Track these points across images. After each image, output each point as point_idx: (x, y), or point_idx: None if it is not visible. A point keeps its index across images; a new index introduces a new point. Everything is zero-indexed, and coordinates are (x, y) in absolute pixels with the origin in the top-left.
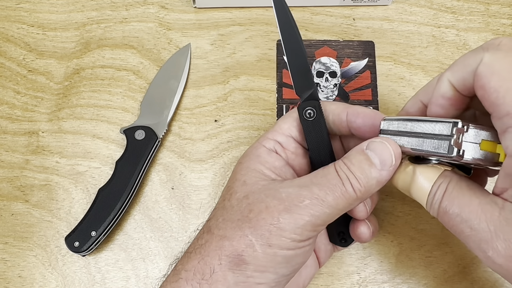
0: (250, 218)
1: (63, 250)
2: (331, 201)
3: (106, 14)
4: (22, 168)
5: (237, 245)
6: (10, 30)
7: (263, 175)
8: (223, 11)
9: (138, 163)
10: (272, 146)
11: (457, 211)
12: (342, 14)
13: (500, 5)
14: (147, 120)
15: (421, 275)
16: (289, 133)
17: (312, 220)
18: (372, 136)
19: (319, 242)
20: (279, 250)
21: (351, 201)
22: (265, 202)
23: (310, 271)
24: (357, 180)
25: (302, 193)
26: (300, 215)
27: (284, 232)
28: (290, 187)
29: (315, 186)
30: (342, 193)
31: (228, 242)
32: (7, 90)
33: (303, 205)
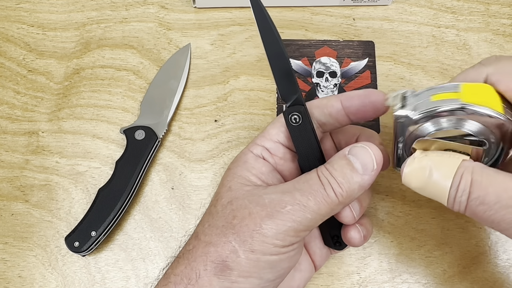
0: (234, 224)
1: (63, 250)
2: (313, 206)
3: (106, 14)
4: (22, 168)
5: (221, 251)
6: (10, 30)
7: (248, 181)
8: (223, 11)
9: (138, 163)
10: (260, 152)
11: (494, 198)
12: (342, 14)
13: (500, 5)
14: (147, 120)
15: (421, 275)
16: (277, 139)
17: (294, 225)
18: (373, 116)
19: (314, 246)
20: (262, 256)
21: (333, 206)
22: (248, 208)
23: (304, 275)
24: (339, 185)
25: (284, 199)
26: (282, 221)
27: (266, 238)
28: (273, 193)
29: (297, 191)
30: (323, 198)
31: (213, 248)
32: (7, 90)
33: (285, 211)
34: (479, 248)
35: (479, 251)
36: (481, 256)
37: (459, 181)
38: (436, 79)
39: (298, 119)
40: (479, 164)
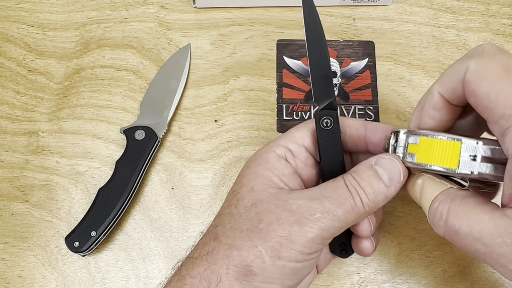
0: (260, 228)
1: (63, 250)
2: (341, 215)
3: (106, 14)
4: (22, 168)
5: (246, 256)
6: (10, 30)
7: (271, 182)
8: (223, 11)
9: (138, 163)
10: (283, 153)
11: (467, 230)
12: (342, 14)
13: (500, 5)
14: (147, 120)
15: (421, 275)
16: (302, 142)
17: (322, 233)
18: None
19: None
20: (288, 263)
21: (359, 215)
22: (275, 213)
23: (308, 279)
24: (366, 195)
25: (313, 206)
26: (311, 228)
27: (294, 245)
28: (300, 199)
29: (326, 199)
30: (351, 207)
31: (236, 251)
32: (7, 90)
33: (314, 218)
34: None
35: None
36: None
37: (437, 206)
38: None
39: (329, 123)
40: (463, 194)
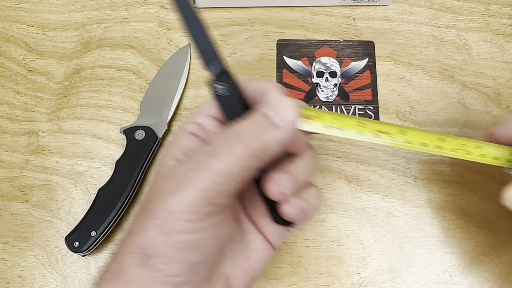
0: (149, 208)
1: (63, 250)
2: (219, 167)
3: (106, 14)
4: (22, 168)
5: (140, 239)
6: (10, 30)
7: (174, 160)
8: (223, 11)
9: (138, 163)
10: (194, 129)
11: None
12: (342, 14)
13: (500, 5)
14: (147, 120)
15: (421, 275)
16: (210, 113)
17: (204, 194)
18: None
19: (264, 223)
20: (178, 236)
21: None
22: (160, 187)
23: (259, 253)
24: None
25: (189, 167)
26: (187, 192)
27: (174, 214)
28: (183, 164)
29: (203, 155)
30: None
31: (134, 238)
32: (7, 90)
33: (189, 179)
34: (479, 248)
35: (479, 251)
36: (481, 256)
37: None
38: (436, 79)
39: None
40: None
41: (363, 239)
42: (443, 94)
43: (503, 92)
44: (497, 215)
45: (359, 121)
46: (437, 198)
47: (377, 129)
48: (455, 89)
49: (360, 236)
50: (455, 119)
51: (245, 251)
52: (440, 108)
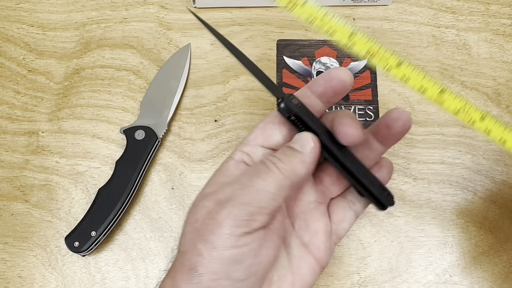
0: (197, 228)
1: (63, 250)
2: (259, 185)
3: (106, 14)
4: (22, 168)
5: (191, 257)
6: (10, 30)
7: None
8: (223, 11)
9: (138, 163)
10: (240, 157)
11: None
12: (342, 14)
13: (500, 5)
14: (147, 120)
15: (421, 275)
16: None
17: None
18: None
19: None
20: (224, 251)
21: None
22: (206, 207)
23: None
24: (280, 160)
25: (234, 187)
26: (233, 207)
27: (222, 228)
28: (227, 186)
29: (244, 176)
30: (268, 176)
31: (185, 256)
32: (7, 90)
33: (233, 196)
34: (479, 248)
35: (479, 251)
36: (481, 256)
37: None
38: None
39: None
40: None
41: (363, 239)
42: None
43: (503, 92)
44: (497, 215)
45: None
46: (437, 198)
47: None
48: (455, 89)
49: (360, 236)
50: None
51: (293, 277)
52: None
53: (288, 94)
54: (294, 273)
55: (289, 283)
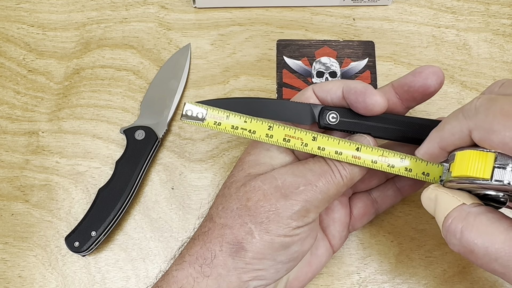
0: (249, 206)
1: (63, 250)
2: (322, 186)
3: (106, 14)
4: (22, 168)
5: (237, 233)
6: (10, 30)
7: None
8: (223, 11)
9: (138, 163)
10: None
11: (482, 251)
12: (342, 14)
13: (500, 5)
14: (147, 120)
15: (421, 275)
16: None
17: (306, 205)
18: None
19: (333, 229)
20: (277, 237)
21: (339, 188)
22: (262, 189)
23: (321, 259)
24: (343, 166)
25: (297, 180)
26: (295, 201)
27: (281, 218)
28: (286, 174)
29: (309, 172)
30: (332, 178)
31: (229, 230)
32: (7, 90)
33: (298, 191)
34: None
35: None
36: None
37: (449, 224)
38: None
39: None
40: (477, 211)
41: (363, 239)
42: (443, 94)
43: None
44: None
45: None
46: None
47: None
48: (455, 89)
49: (360, 236)
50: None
51: (310, 258)
52: (439, 108)
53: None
54: (312, 253)
55: (307, 262)
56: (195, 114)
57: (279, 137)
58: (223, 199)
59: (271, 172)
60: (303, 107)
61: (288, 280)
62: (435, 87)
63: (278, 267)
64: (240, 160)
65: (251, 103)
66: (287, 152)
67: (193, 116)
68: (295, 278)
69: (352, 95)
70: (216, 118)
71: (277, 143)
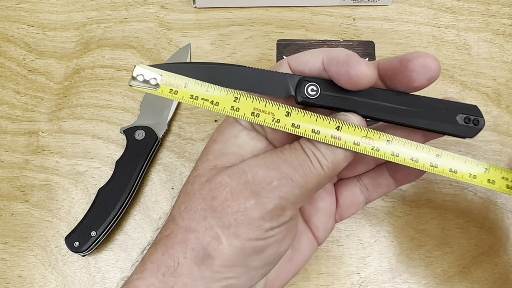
0: (215, 207)
1: (63, 250)
2: (300, 179)
3: (106, 14)
4: (22, 168)
5: (202, 238)
6: (10, 30)
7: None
8: (223, 11)
9: (138, 163)
10: (247, 122)
11: None
12: (342, 14)
13: (500, 5)
14: (147, 120)
15: (421, 275)
16: None
17: (281, 203)
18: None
19: (317, 220)
20: (248, 242)
21: (320, 180)
22: (230, 186)
23: (304, 254)
24: (323, 155)
25: (269, 173)
26: (268, 199)
27: (251, 219)
28: (257, 166)
29: (283, 163)
30: (310, 170)
31: (193, 234)
32: (7, 90)
33: (271, 187)
34: (479, 248)
35: (479, 251)
36: (481, 256)
37: None
38: None
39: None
40: None
41: (363, 239)
42: (443, 94)
43: (503, 92)
44: (497, 215)
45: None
46: (437, 198)
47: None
48: (455, 89)
49: (360, 236)
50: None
51: (292, 254)
52: None
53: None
54: (294, 248)
55: (288, 258)
56: (147, 79)
57: (247, 110)
58: (186, 197)
59: (240, 164)
60: (277, 76)
61: (267, 280)
62: (421, 82)
63: (252, 274)
64: (205, 149)
65: (216, 70)
66: (259, 138)
67: (145, 81)
68: (276, 277)
69: (333, 66)
70: (173, 86)
71: (244, 117)
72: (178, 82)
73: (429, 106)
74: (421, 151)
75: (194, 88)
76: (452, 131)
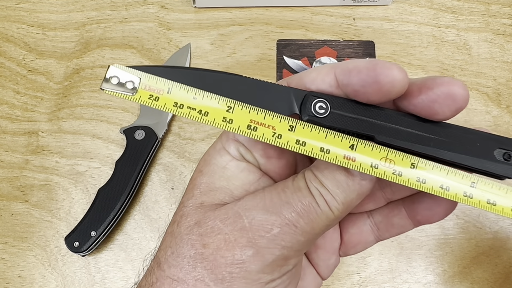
0: (206, 256)
1: (63, 250)
2: (304, 226)
3: (106, 14)
4: (22, 168)
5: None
6: (10, 30)
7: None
8: (223, 11)
9: (138, 163)
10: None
11: None
12: (342, 14)
13: (500, 5)
14: (147, 120)
15: (421, 275)
16: None
17: (284, 252)
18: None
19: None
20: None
21: (328, 223)
22: (223, 233)
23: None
24: (333, 196)
25: (269, 219)
26: (268, 249)
27: (249, 273)
28: (254, 209)
29: (285, 206)
30: (317, 215)
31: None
32: (7, 90)
33: (271, 236)
34: (479, 248)
35: (479, 251)
36: (481, 256)
37: None
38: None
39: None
40: None
41: None
42: None
43: (503, 92)
44: (497, 216)
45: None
46: None
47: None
48: None
49: None
50: (455, 119)
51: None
52: None
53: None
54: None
55: None
56: (123, 82)
57: (242, 122)
58: (173, 241)
59: (233, 205)
60: (279, 90)
61: None
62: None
63: None
64: (191, 181)
65: (205, 77)
66: (250, 169)
67: (120, 84)
68: None
69: (354, 77)
70: (153, 90)
71: (238, 130)
72: (160, 87)
73: (461, 137)
74: (453, 177)
75: (179, 94)
76: (490, 169)
